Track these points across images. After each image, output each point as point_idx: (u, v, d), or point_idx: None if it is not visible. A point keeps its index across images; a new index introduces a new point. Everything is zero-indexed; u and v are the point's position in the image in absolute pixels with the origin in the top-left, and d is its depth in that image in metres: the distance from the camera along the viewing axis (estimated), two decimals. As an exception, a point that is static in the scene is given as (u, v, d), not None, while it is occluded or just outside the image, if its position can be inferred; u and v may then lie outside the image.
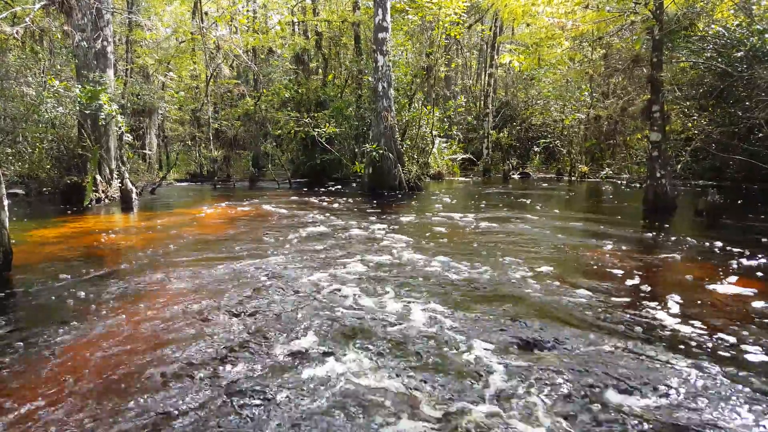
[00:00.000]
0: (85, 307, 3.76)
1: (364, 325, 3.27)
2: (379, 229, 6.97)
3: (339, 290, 4.06)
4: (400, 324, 3.28)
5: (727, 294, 3.97)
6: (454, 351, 2.86)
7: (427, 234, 6.64)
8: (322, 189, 14.22)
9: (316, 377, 2.56)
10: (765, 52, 10.21)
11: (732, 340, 3.05)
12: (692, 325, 3.29)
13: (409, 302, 3.72)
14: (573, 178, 17.38)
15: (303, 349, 2.92)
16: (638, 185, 13.56)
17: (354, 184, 15.28)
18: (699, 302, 3.76)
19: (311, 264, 4.96)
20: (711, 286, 4.16)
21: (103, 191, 11.25)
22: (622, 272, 4.60)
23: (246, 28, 21.66)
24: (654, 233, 6.66)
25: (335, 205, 10.11)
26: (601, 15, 11.84)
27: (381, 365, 2.68)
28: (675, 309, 3.60)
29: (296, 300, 3.84)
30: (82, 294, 4.06)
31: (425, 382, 2.50)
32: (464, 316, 3.44)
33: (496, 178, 18.56)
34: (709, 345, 2.98)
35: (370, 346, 2.93)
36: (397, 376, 2.57)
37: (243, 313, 3.55)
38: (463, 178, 18.09)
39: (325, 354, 2.85)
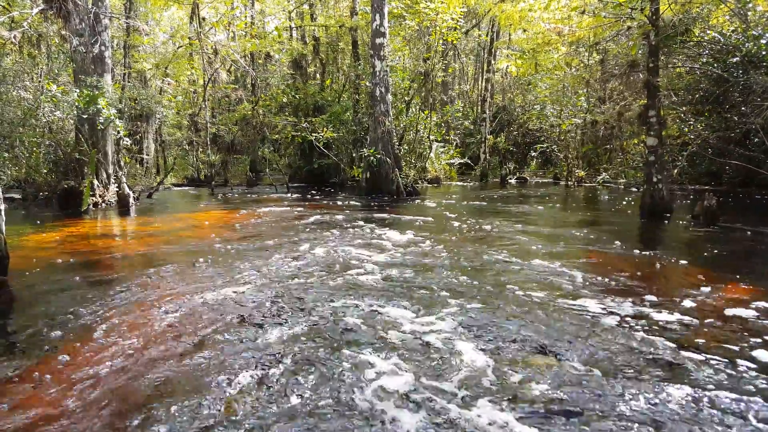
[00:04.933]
0: (81, 312, 3.74)
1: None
2: (375, 228, 6.98)
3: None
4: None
5: (717, 297, 3.98)
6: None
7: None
8: (320, 193, 14.22)
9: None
10: (760, 58, 10.29)
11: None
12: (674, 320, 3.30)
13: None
14: (570, 183, 17.43)
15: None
16: (635, 190, 13.61)
17: (352, 189, 15.30)
18: (685, 304, 3.77)
19: (312, 269, 4.95)
20: (700, 290, 4.17)
21: (100, 196, 11.23)
22: (614, 273, 4.61)
23: (244, 33, 21.71)
24: (650, 238, 6.68)
25: (333, 209, 10.11)
26: (597, 20, 11.91)
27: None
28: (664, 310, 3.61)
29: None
30: (79, 299, 4.04)
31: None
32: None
33: (493, 182, 18.61)
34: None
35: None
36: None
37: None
38: (460, 183, 18.13)
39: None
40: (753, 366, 2.73)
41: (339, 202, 11.66)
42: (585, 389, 2.45)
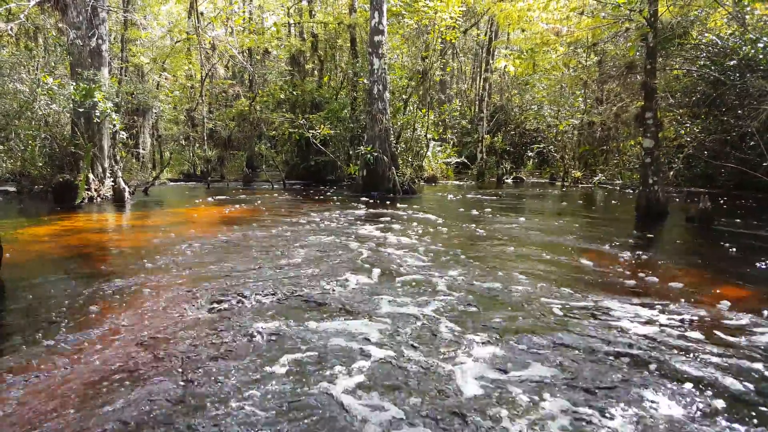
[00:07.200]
0: (74, 306, 3.73)
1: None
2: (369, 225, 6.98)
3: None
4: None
5: (706, 297, 4.01)
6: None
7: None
8: (316, 191, 14.21)
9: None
10: (757, 61, 10.32)
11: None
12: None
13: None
14: (566, 184, 17.46)
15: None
16: (630, 191, 13.66)
17: (348, 186, 15.27)
18: (674, 302, 3.79)
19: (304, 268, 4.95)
20: (691, 289, 4.19)
21: (95, 190, 11.18)
22: (609, 274, 4.63)
23: (242, 29, 21.62)
24: (645, 239, 6.70)
25: (328, 206, 10.10)
26: (596, 21, 11.94)
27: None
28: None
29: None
30: (72, 293, 4.03)
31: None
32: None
33: (489, 182, 18.63)
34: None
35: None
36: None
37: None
38: (456, 182, 18.15)
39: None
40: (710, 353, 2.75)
41: (334, 200, 11.65)
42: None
